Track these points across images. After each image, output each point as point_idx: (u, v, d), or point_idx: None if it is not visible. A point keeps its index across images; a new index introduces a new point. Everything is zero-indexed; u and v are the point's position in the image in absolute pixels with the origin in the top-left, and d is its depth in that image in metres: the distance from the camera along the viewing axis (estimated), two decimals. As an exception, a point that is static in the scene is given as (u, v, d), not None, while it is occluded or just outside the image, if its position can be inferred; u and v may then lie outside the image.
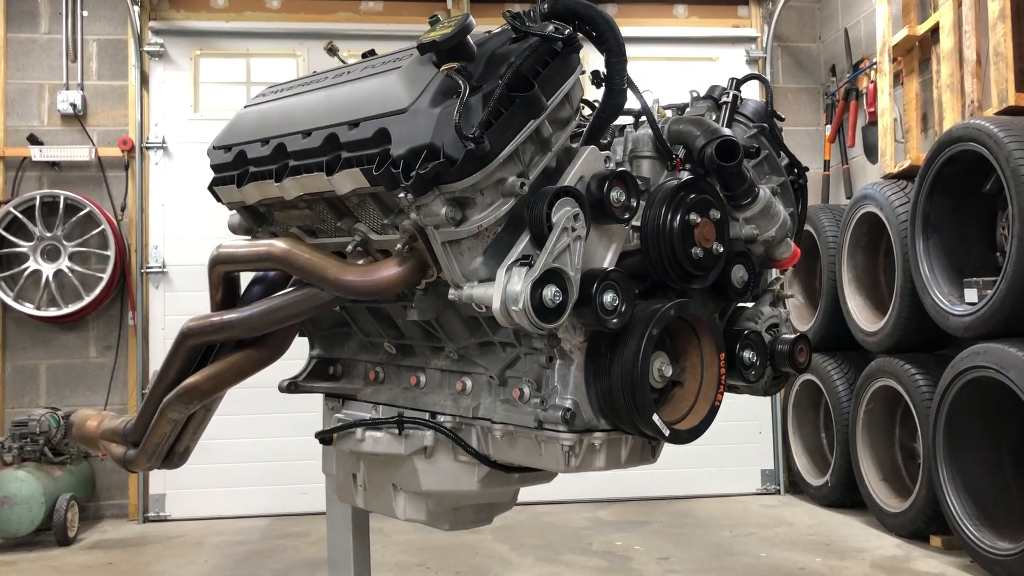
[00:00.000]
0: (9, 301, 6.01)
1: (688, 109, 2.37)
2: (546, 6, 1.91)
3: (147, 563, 5.12)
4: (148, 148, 6.32)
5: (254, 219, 2.32)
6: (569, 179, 1.87)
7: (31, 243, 6.06)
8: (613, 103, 1.98)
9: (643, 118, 2.54)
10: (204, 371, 2.27)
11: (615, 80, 1.94)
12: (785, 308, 2.38)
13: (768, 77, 6.74)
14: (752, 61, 6.78)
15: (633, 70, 1.98)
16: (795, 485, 6.55)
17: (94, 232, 6.11)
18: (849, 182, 6.47)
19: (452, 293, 1.87)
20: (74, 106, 6.25)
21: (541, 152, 1.83)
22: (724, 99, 2.28)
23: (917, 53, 5.67)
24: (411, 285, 1.96)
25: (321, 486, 2.82)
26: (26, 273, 6.06)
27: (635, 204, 1.91)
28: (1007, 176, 4.29)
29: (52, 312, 6.07)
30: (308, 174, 1.98)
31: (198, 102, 6.42)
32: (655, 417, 1.93)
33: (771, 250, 2.24)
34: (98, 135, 6.35)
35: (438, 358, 2.24)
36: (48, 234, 6.08)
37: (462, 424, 2.15)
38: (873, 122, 6.05)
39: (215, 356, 2.32)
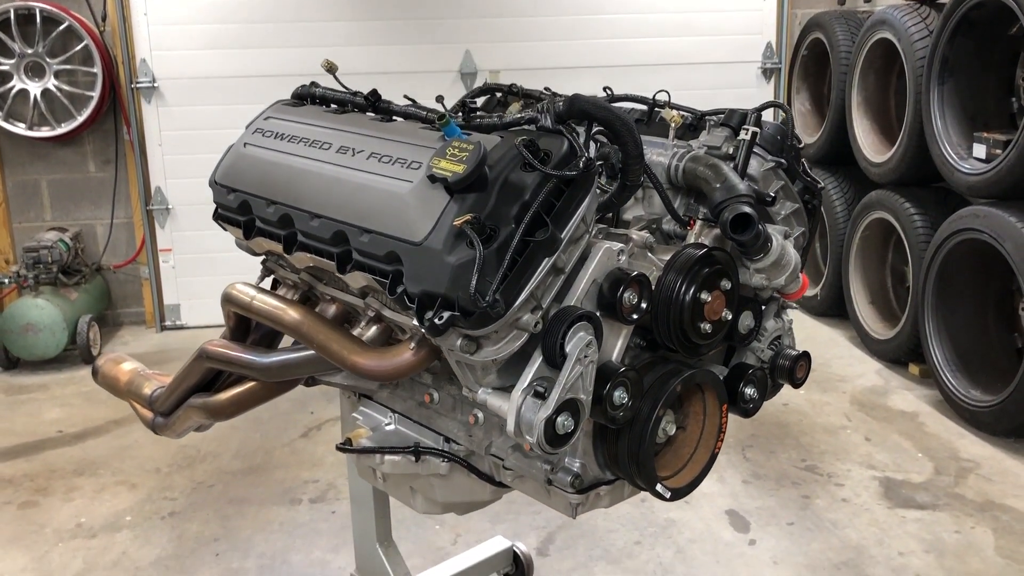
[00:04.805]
0: (-1, 121, 5.89)
1: (704, 135, 2.27)
2: (560, 105, 1.79)
3: (172, 389, 5.42)
4: (122, -50, 5.89)
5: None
6: (582, 288, 1.85)
7: (12, 60, 5.82)
8: (625, 195, 1.93)
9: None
10: (228, 395, 2.37)
11: (631, 177, 1.87)
12: (790, 318, 2.41)
13: None
14: None
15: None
16: (786, 288, 6.74)
17: (77, 48, 5.85)
18: (869, -17, 6.12)
19: (466, 392, 1.93)
20: (35, -99, 5.75)
21: (555, 276, 1.81)
22: (743, 134, 2.17)
23: None
24: (425, 367, 2.01)
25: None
26: (13, 92, 5.87)
27: (646, 306, 1.91)
28: (1034, 39, 4.10)
29: (45, 132, 5.96)
30: (319, 256, 1.96)
31: None
32: (659, 486, 2.06)
33: (780, 290, 2.25)
34: (66, -66, 5.89)
35: (451, 384, 2.31)
36: (29, 50, 5.82)
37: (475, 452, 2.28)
38: (902, -75, 5.61)
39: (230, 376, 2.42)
